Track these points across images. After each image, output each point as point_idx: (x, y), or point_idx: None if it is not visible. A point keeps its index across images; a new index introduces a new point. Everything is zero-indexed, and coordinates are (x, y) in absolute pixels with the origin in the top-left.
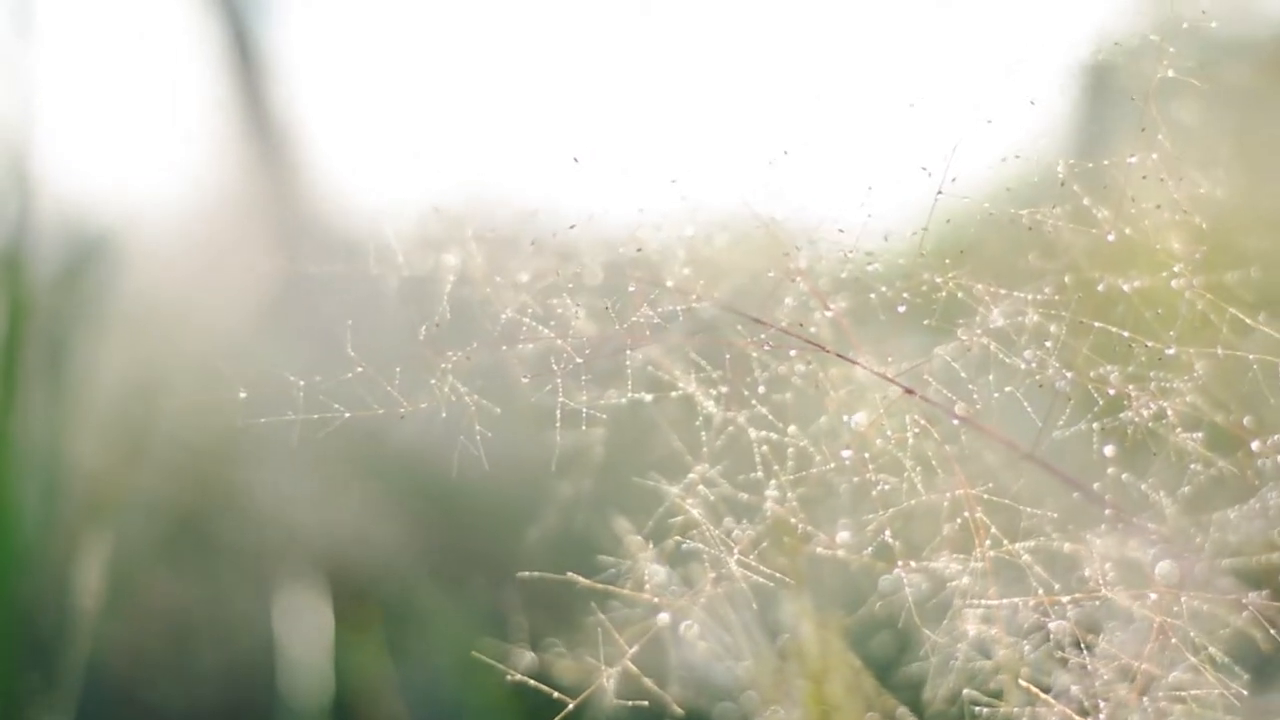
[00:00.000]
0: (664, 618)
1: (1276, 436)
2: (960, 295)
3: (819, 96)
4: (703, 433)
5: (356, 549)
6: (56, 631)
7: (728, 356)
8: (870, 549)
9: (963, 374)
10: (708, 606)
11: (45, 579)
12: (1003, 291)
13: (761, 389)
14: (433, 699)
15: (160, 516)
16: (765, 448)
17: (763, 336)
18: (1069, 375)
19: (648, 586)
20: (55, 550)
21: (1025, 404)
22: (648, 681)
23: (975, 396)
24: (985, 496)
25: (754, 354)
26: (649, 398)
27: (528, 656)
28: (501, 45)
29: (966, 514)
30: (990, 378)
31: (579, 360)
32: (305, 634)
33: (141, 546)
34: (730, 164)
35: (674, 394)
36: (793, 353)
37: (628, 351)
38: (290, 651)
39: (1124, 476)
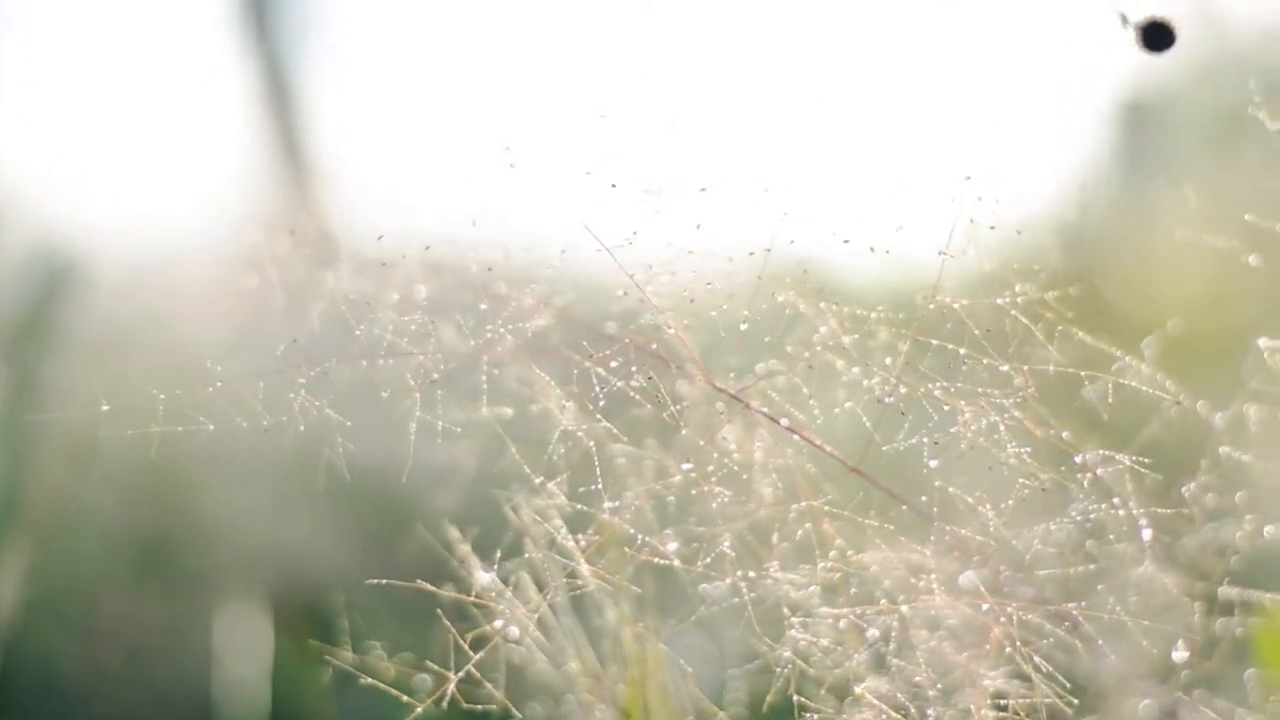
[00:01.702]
0: (501, 624)
1: (1099, 450)
2: (802, 311)
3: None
4: (557, 447)
5: (297, 564)
6: None
7: (575, 372)
8: (707, 559)
9: (805, 389)
10: (545, 613)
11: None
12: (845, 309)
13: (633, 403)
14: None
15: (99, 534)
16: (622, 460)
17: (606, 352)
18: (902, 390)
19: (481, 593)
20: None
21: (865, 419)
22: (489, 687)
23: (816, 411)
24: (828, 509)
25: (600, 370)
26: (509, 412)
27: (380, 664)
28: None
29: (809, 525)
30: (839, 394)
31: (435, 376)
32: (244, 650)
33: (80, 562)
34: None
35: (532, 408)
36: (634, 369)
37: (491, 368)
38: (228, 668)
39: (950, 490)
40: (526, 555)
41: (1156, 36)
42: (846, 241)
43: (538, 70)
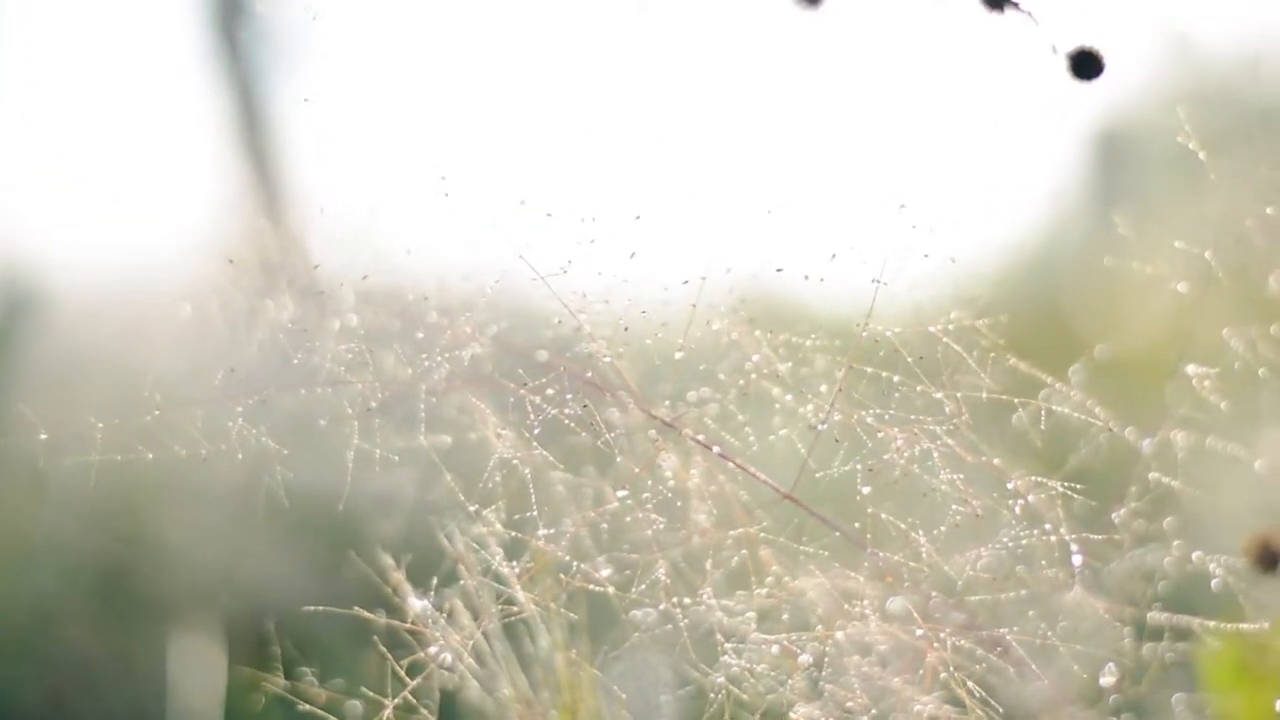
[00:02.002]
0: (436, 651)
1: (1030, 476)
2: (736, 339)
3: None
4: (493, 474)
5: (247, 591)
6: None
7: (511, 400)
8: (642, 586)
9: (740, 416)
10: (479, 640)
11: None
12: (780, 337)
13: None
14: None
15: (53, 561)
16: (558, 488)
17: (542, 380)
18: (836, 417)
19: (416, 620)
20: None
21: (800, 446)
22: (424, 713)
23: (751, 438)
24: (762, 535)
25: (536, 398)
26: (446, 440)
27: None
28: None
29: (744, 552)
30: (774, 421)
31: (372, 405)
32: (197, 676)
33: (34, 590)
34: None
35: (469, 436)
36: (569, 397)
37: (428, 396)
38: (181, 695)
39: (884, 516)
40: (462, 582)
41: (1085, 66)
42: (780, 270)
43: (479, 98)
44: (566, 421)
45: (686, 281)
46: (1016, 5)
